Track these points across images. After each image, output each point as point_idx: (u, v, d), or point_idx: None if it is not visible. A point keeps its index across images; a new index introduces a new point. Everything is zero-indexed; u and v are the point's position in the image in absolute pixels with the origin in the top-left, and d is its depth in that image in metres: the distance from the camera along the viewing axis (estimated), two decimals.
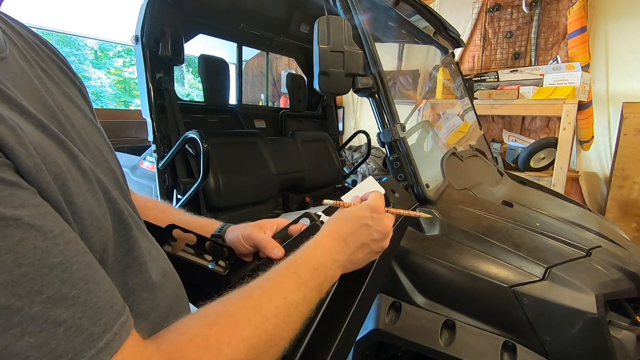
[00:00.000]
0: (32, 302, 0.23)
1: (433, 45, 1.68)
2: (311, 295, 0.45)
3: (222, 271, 0.60)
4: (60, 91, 0.40)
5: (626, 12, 2.48)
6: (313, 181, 2.15)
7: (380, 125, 1.00)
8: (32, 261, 0.23)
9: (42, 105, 0.34)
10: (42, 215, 0.25)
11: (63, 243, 0.26)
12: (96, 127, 0.44)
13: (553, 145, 2.46)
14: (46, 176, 0.27)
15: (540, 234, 0.92)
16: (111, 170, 0.42)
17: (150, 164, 1.63)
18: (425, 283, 0.83)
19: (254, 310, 0.38)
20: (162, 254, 0.48)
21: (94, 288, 0.27)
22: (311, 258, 0.48)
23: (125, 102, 7.13)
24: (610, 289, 0.76)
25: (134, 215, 0.43)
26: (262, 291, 0.41)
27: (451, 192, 1.06)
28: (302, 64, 2.48)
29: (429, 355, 0.75)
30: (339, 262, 0.51)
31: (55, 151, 0.30)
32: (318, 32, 0.84)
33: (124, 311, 0.29)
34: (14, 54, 0.35)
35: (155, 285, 0.41)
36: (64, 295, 0.25)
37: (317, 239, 0.52)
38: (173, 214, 0.66)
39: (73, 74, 0.48)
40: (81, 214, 0.30)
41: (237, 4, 1.78)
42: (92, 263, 0.28)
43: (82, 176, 0.32)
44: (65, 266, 0.25)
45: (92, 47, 6.69)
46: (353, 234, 0.53)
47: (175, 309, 0.45)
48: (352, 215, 0.55)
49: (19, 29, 0.42)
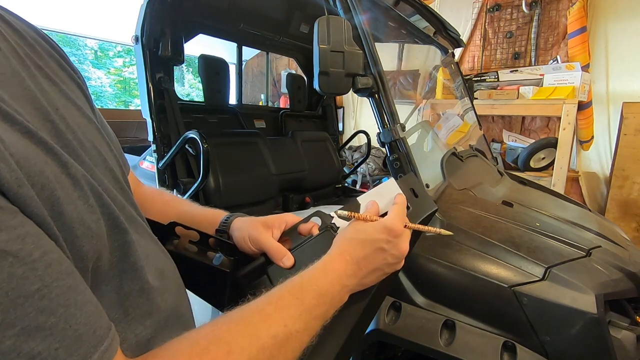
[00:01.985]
0: (3, 337, 0.22)
1: (433, 45, 1.68)
2: (314, 323, 0.43)
3: (227, 268, 0.58)
4: (56, 89, 0.39)
5: (626, 12, 2.48)
6: (313, 181, 2.15)
7: (380, 125, 1.00)
8: (6, 291, 0.22)
9: (33, 107, 0.33)
10: (20, 237, 0.24)
11: (42, 267, 0.24)
12: (95, 125, 0.43)
13: (553, 145, 2.46)
14: (29, 191, 0.26)
15: (540, 234, 0.92)
16: (110, 170, 0.41)
17: (150, 164, 1.63)
18: (425, 283, 0.83)
19: (249, 339, 0.36)
20: (162, 255, 0.47)
21: (74, 313, 0.26)
22: (319, 283, 0.45)
23: (125, 102, 7.12)
24: (610, 289, 0.76)
25: (133, 216, 0.42)
26: (261, 316, 0.38)
27: (451, 192, 1.06)
28: (302, 64, 2.48)
29: (429, 355, 0.75)
30: (349, 286, 0.48)
31: (42, 160, 0.29)
32: (318, 32, 0.84)
33: (107, 335, 0.28)
34: (5, 52, 0.34)
35: (152, 290, 0.40)
36: (40, 325, 0.23)
37: (327, 260, 0.48)
38: (178, 206, 0.64)
39: (72, 69, 0.46)
40: (71, 224, 0.29)
41: (237, 4, 1.78)
42: (75, 285, 0.27)
43: (72, 184, 0.31)
44: (43, 293, 0.24)
45: (92, 47, 6.68)
46: (366, 258, 0.49)
47: (176, 311, 0.44)
48: (367, 237, 0.50)
49: (14, 21, 0.41)
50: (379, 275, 0.51)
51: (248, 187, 1.74)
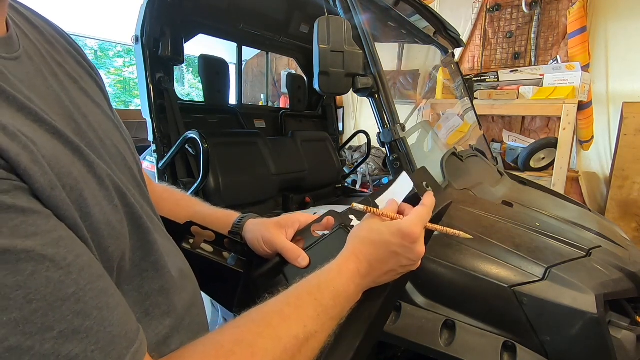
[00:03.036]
0: (43, 340, 0.22)
1: (433, 45, 1.68)
2: (330, 323, 0.43)
3: (240, 269, 0.59)
4: (76, 87, 0.39)
5: (626, 12, 2.48)
6: (313, 181, 2.15)
7: (380, 125, 1.00)
8: (44, 295, 0.23)
9: (58, 106, 0.33)
10: (55, 241, 0.24)
11: (77, 270, 0.25)
12: (113, 123, 0.43)
13: (553, 145, 2.46)
14: (61, 193, 0.26)
15: (540, 234, 0.92)
16: (129, 168, 0.41)
17: (150, 164, 1.63)
18: (425, 283, 0.83)
19: (272, 341, 0.36)
20: (179, 254, 0.47)
21: (107, 316, 0.26)
22: (335, 283, 0.45)
23: (125, 102, 7.12)
24: (610, 289, 0.76)
25: (152, 216, 0.42)
26: (281, 318, 0.39)
27: (451, 192, 1.06)
28: (302, 64, 2.48)
29: (429, 355, 0.75)
30: (363, 285, 0.48)
31: (70, 161, 0.29)
32: (318, 32, 0.84)
33: (137, 337, 0.29)
34: (28, 51, 0.34)
35: (171, 289, 0.40)
36: (77, 328, 0.24)
37: (341, 260, 0.48)
38: (189, 207, 0.64)
39: (89, 66, 0.46)
40: (98, 225, 0.30)
41: (237, 4, 1.78)
42: (106, 288, 0.28)
43: (98, 183, 0.31)
44: (78, 296, 0.25)
45: (92, 47, 6.68)
46: (379, 260, 0.48)
47: (191, 311, 0.44)
48: (381, 239, 0.49)
49: (33, 18, 0.40)
50: (392, 275, 0.51)
51: (248, 187, 1.74)
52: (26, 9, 0.41)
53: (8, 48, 0.32)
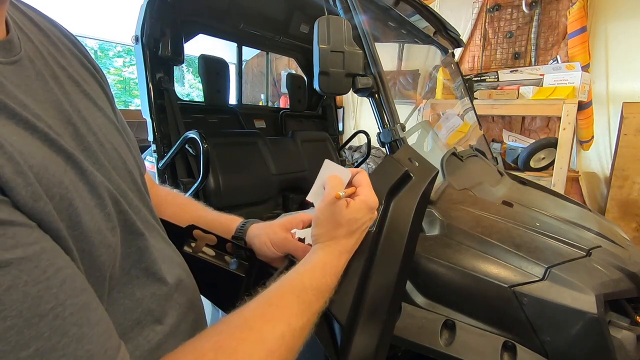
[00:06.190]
0: (17, 358, 0.21)
1: (433, 45, 1.68)
2: (314, 318, 0.44)
3: (242, 273, 0.59)
4: (78, 90, 0.39)
5: (626, 12, 2.48)
6: (313, 181, 2.14)
7: (380, 125, 1.00)
8: (21, 311, 0.22)
9: (55, 110, 0.33)
10: (36, 255, 0.23)
11: (57, 284, 0.24)
12: (115, 126, 0.43)
13: (553, 145, 2.46)
14: (46, 205, 0.25)
15: (540, 234, 0.92)
16: (129, 172, 0.41)
17: (150, 164, 1.63)
18: (425, 283, 0.83)
19: (256, 344, 0.36)
20: (178, 259, 0.47)
21: (87, 333, 0.25)
22: (318, 280, 0.46)
23: (125, 102, 7.12)
24: (610, 289, 0.76)
25: (149, 221, 0.42)
26: (264, 320, 0.38)
27: (451, 192, 1.06)
28: (302, 64, 2.48)
29: (429, 355, 0.75)
30: (342, 263, 0.50)
31: (61, 169, 0.29)
32: (318, 32, 0.84)
33: (117, 355, 0.28)
34: (29, 54, 0.34)
35: (166, 296, 0.40)
36: (53, 345, 0.23)
37: (321, 255, 0.49)
38: (192, 211, 0.64)
39: (94, 67, 0.46)
40: (89, 233, 0.29)
41: (237, 4, 1.78)
42: (88, 302, 0.27)
43: (89, 191, 0.31)
44: (57, 312, 0.24)
45: (92, 47, 6.68)
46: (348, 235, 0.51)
47: (188, 316, 0.43)
48: (350, 217, 0.51)
49: (38, 19, 0.40)
50: (360, 235, 0.54)
51: (248, 187, 1.74)
52: (31, 10, 0.40)
53: (6, 52, 0.31)
